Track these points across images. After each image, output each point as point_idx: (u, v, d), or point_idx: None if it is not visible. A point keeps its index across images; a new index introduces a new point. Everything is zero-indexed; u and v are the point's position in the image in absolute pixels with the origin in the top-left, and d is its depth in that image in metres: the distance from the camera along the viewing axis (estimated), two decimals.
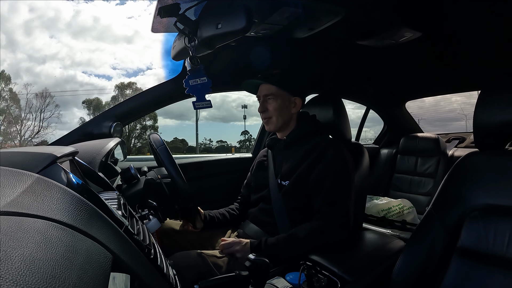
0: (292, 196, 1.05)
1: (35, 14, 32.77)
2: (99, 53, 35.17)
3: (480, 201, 0.72)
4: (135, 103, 1.34)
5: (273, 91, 1.11)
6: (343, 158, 1.03)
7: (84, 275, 0.23)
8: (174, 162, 0.98)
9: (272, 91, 1.11)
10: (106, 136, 1.22)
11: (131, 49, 38.41)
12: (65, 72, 29.91)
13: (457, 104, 12.44)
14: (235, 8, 0.75)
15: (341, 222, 0.97)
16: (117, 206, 0.50)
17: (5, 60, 28.12)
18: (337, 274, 0.79)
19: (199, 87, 0.91)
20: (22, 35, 30.66)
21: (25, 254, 0.21)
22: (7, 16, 28.86)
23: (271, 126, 1.14)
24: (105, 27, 36.06)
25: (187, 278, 0.81)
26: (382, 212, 1.77)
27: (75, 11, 33.12)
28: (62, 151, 0.48)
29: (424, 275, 0.75)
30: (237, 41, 0.98)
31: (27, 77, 28.61)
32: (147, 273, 0.38)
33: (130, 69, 42.10)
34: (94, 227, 0.30)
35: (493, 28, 1.10)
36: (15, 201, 0.27)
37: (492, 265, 0.67)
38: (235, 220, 1.23)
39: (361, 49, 1.27)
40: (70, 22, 31.82)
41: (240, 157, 1.90)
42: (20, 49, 30.24)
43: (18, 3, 31.95)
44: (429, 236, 0.77)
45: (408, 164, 2.29)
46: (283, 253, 0.94)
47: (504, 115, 0.71)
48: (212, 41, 0.82)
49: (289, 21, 0.97)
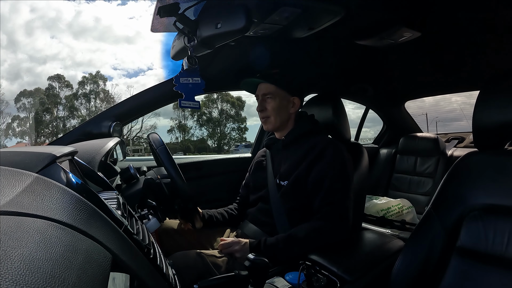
0: (291, 196, 1.05)
1: (36, 14, 32.69)
2: (100, 53, 35.11)
3: (480, 201, 0.72)
4: (134, 103, 1.34)
5: (271, 90, 1.11)
6: (342, 158, 1.03)
7: (84, 275, 0.23)
8: (173, 162, 0.98)
9: (271, 90, 1.11)
10: (105, 136, 1.22)
11: (132, 50, 38.33)
12: (65, 73, 29.87)
13: (457, 104, 12.45)
14: (234, 8, 0.75)
15: (341, 222, 0.97)
16: (116, 205, 0.49)
17: (6, 60, 28.09)
18: (336, 273, 0.79)
19: (190, 86, 0.91)
20: (23, 36, 30.58)
21: (24, 253, 0.21)
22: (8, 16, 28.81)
23: (269, 125, 1.15)
24: (106, 27, 36.00)
25: (187, 278, 0.81)
26: (382, 212, 1.77)
27: (76, 12, 33.04)
28: (62, 151, 0.48)
29: (423, 275, 0.75)
30: (237, 41, 0.98)
31: (28, 77, 28.58)
32: (147, 273, 0.38)
33: (131, 70, 42.05)
34: (93, 226, 0.30)
35: (492, 28, 1.10)
36: (14, 201, 0.27)
37: (491, 264, 0.67)
38: (233, 220, 1.23)
39: (361, 49, 1.27)
40: (71, 23, 31.74)
41: (239, 157, 1.90)
42: (21, 50, 30.18)
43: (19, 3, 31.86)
44: (429, 236, 0.77)
45: (408, 164, 2.29)
46: (283, 253, 0.94)
47: (503, 115, 0.71)
48: (212, 40, 0.82)
49: (289, 21, 0.97)
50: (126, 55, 39.27)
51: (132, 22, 38.76)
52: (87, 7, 35.26)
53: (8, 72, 28.23)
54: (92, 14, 35.71)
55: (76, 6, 34.55)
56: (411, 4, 0.97)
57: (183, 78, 0.91)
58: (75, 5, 34.52)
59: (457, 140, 2.37)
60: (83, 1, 35.38)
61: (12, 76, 28.82)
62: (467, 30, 1.14)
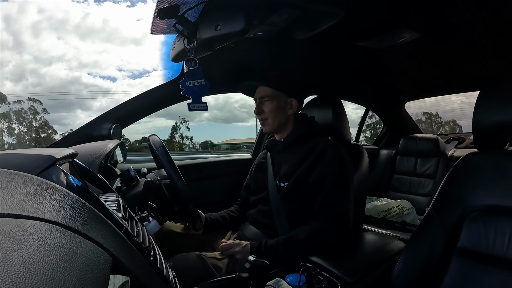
0: (291, 197, 1.05)
1: (44, 15, 32.84)
2: (106, 54, 35.25)
3: (480, 202, 0.72)
4: (134, 105, 1.34)
5: (268, 93, 1.11)
6: (342, 159, 1.03)
7: (84, 278, 0.23)
8: (173, 164, 0.98)
9: (268, 93, 1.11)
10: (105, 138, 1.22)
11: (138, 51, 38.44)
12: (70, 74, 29.95)
13: (456, 104, 12.48)
14: (234, 9, 0.75)
15: (341, 224, 0.97)
16: (116, 208, 0.49)
17: (10, 61, 28.18)
18: (337, 275, 0.79)
19: (196, 89, 0.91)
20: (30, 37, 30.74)
21: (24, 256, 0.21)
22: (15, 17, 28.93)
23: (267, 127, 1.15)
24: (114, 29, 36.15)
25: (187, 280, 0.81)
26: (382, 213, 1.77)
27: (85, 13, 33.18)
28: (62, 153, 0.48)
29: (424, 276, 0.75)
30: (237, 43, 0.98)
31: (32, 78, 28.61)
32: (147, 275, 0.38)
33: (136, 71, 42.25)
34: (93, 229, 0.30)
35: (492, 28, 1.10)
36: (14, 203, 0.27)
37: (492, 265, 0.67)
38: (235, 222, 1.23)
39: (360, 50, 1.28)
40: (79, 24, 31.90)
41: (240, 159, 1.90)
42: (27, 51, 30.34)
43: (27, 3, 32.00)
44: (429, 237, 0.77)
45: (408, 165, 2.29)
46: (283, 254, 0.93)
47: (503, 116, 0.71)
48: (211, 42, 0.82)
49: (288, 22, 0.97)
50: (133, 56, 39.38)
51: (140, 23, 38.88)
52: (96, 8, 35.38)
53: (12, 73, 28.34)
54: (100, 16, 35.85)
55: (84, 7, 34.69)
56: (410, 5, 0.97)
57: (189, 81, 0.90)
58: (84, 6, 34.66)
59: (457, 141, 2.37)
60: (92, 2, 35.56)
61: (16, 77, 28.96)
62: (467, 31, 1.14)
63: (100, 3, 39.83)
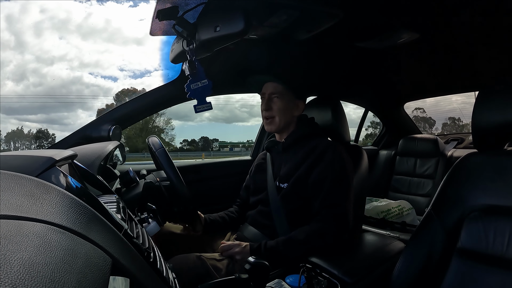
0: (291, 198, 1.05)
1: (46, 15, 32.87)
2: (107, 54, 35.29)
3: (479, 202, 0.72)
4: (133, 106, 1.34)
5: (279, 90, 1.10)
6: (341, 160, 1.03)
7: (84, 279, 0.23)
8: (173, 165, 0.98)
9: (279, 90, 1.10)
10: (105, 140, 1.22)
11: (140, 51, 38.49)
12: (71, 74, 29.96)
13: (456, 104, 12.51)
14: (233, 10, 0.76)
15: (341, 224, 0.97)
16: (116, 209, 0.49)
17: (12, 61, 28.18)
18: (337, 276, 0.79)
19: (200, 90, 0.90)
20: (32, 36, 30.76)
21: (24, 258, 0.21)
22: (17, 17, 28.92)
23: (272, 126, 1.13)
24: (116, 29, 36.21)
25: (187, 281, 0.81)
26: (382, 213, 1.77)
27: (87, 13, 33.22)
28: (61, 155, 0.48)
29: (424, 276, 0.75)
30: (236, 44, 0.98)
31: (33, 78, 28.60)
32: (147, 277, 0.38)
33: (137, 71, 42.30)
34: (93, 230, 0.30)
35: (491, 28, 1.10)
36: (14, 205, 0.27)
37: (492, 265, 0.67)
38: (234, 223, 1.22)
39: (359, 51, 1.28)
40: (81, 24, 31.95)
41: (239, 160, 1.90)
42: (28, 50, 30.33)
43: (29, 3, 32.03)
44: (429, 237, 0.77)
45: (407, 165, 2.29)
46: (283, 255, 0.93)
47: (503, 116, 0.71)
48: (211, 44, 0.82)
49: (287, 23, 0.97)
50: (134, 56, 39.42)
51: (142, 23, 38.95)
52: (98, 8, 35.41)
53: (13, 73, 28.33)
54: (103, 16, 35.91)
55: (87, 7, 34.73)
56: (409, 6, 0.97)
57: (193, 84, 0.90)
58: (86, 6, 34.70)
59: (457, 141, 2.37)
60: (95, 2, 35.63)
61: (17, 77, 28.97)
62: (466, 32, 1.14)
63: (102, 3, 40.10)
